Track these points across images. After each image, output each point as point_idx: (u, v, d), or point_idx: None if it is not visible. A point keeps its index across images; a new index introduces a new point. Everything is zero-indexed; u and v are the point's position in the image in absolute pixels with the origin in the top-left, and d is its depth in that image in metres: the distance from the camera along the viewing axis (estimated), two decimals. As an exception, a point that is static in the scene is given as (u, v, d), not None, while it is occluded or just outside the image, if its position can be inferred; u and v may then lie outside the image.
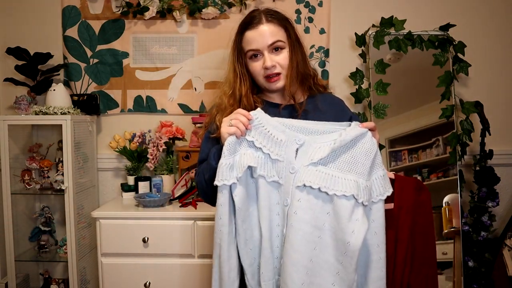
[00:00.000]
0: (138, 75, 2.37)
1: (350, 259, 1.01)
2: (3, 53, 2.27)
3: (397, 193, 1.21)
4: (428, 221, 1.27)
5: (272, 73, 1.21)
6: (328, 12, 2.31)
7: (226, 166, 1.05)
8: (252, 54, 1.23)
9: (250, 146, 1.09)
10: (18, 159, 2.23)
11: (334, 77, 2.33)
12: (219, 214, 1.07)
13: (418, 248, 1.23)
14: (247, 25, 1.23)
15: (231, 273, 1.08)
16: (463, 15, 2.29)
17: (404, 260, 1.19)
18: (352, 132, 1.06)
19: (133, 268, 1.93)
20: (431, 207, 1.29)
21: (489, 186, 2.12)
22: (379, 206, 1.08)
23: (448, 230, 2.10)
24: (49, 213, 2.33)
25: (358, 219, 1.02)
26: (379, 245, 1.07)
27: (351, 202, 1.02)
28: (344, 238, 1.01)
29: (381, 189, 1.08)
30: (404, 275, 1.19)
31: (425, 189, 1.28)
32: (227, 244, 1.07)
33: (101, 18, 2.35)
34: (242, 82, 1.25)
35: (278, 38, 1.21)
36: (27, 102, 2.20)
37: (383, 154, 2.18)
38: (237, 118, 1.08)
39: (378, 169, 1.09)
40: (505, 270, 2.11)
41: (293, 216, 1.05)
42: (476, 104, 2.15)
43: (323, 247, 1.04)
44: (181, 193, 2.12)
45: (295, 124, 1.11)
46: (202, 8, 2.27)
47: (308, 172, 1.05)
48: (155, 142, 2.21)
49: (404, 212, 1.22)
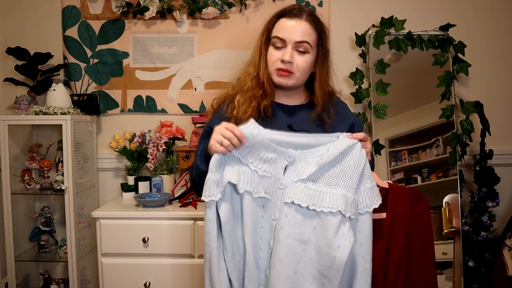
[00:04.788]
0: (138, 75, 2.37)
1: (336, 272, 1.01)
2: (3, 53, 2.27)
3: (390, 203, 1.19)
4: (425, 232, 1.22)
5: (285, 68, 1.18)
6: (328, 12, 2.31)
7: (213, 182, 1.05)
8: (277, 41, 1.18)
9: (235, 161, 1.07)
10: (18, 159, 2.23)
11: (334, 77, 2.32)
12: (207, 229, 1.07)
13: (415, 258, 1.20)
14: (286, 13, 1.20)
15: (222, 286, 1.08)
16: (463, 15, 2.29)
17: (396, 270, 1.16)
18: (340, 146, 1.06)
19: (133, 268, 1.93)
20: (429, 217, 1.24)
21: (489, 186, 2.12)
22: (365, 218, 1.07)
23: (448, 230, 2.10)
24: (49, 213, 2.33)
25: (344, 233, 1.02)
26: (363, 256, 1.07)
27: (338, 218, 1.02)
28: (330, 252, 1.01)
29: (368, 201, 1.07)
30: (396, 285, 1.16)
31: (422, 199, 1.24)
32: (217, 258, 1.07)
33: (101, 18, 2.35)
34: (264, 66, 1.21)
35: (307, 39, 1.17)
36: (27, 102, 2.20)
37: (383, 154, 2.18)
38: (230, 140, 1.03)
39: (367, 181, 1.08)
40: (505, 270, 2.11)
41: (280, 230, 1.05)
42: (476, 104, 2.15)
43: (308, 260, 1.05)
44: (181, 193, 2.12)
45: (287, 139, 1.08)
46: (202, 8, 2.27)
47: (297, 188, 1.05)
48: (155, 142, 2.21)
49: (398, 223, 1.18)
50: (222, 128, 1.06)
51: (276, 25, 1.20)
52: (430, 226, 1.24)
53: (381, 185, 1.19)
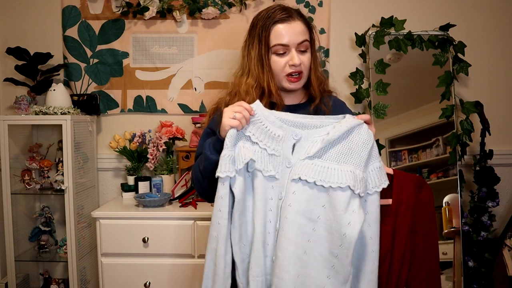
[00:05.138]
0: (138, 75, 2.37)
1: (346, 251, 1.00)
2: (3, 53, 2.27)
3: (396, 189, 1.18)
4: (429, 220, 1.22)
5: (296, 71, 1.19)
6: (328, 12, 2.31)
7: (229, 158, 1.04)
8: (280, 48, 1.18)
9: (247, 140, 1.09)
10: (18, 159, 2.23)
11: (334, 77, 2.33)
12: (219, 206, 1.05)
13: (419, 246, 1.20)
14: (277, 18, 1.18)
15: (226, 269, 1.06)
16: (463, 15, 2.29)
17: (402, 257, 1.15)
18: (347, 123, 1.06)
19: (133, 268, 1.93)
20: (433, 205, 1.23)
21: (489, 186, 2.12)
22: (374, 198, 1.07)
23: (448, 230, 2.10)
24: (49, 213, 2.33)
25: (354, 210, 1.01)
26: (372, 237, 1.06)
27: (347, 194, 1.01)
28: (340, 230, 1.00)
29: (377, 181, 1.07)
30: (401, 273, 1.15)
31: (426, 187, 1.23)
32: (225, 238, 1.05)
33: (101, 18, 2.35)
34: (270, 77, 1.20)
35: (306, 37, 1.20)
36: (27, 102, 2.20)
37: (383, 154, 2.18)
38: (241, 112, 1.07)
39: (375, 161, 1.08)
40: (505, 270, 2.11)
41: (287, 208, 1.04)
42: (476, 104, 2.15)
43: (318, 240, 1.04)
44: (181, 193, 2.12)
45: (292, 119, 1.10)
46: (202, 8, 2.27)
47: (304, 165, 1.05)
48: (155, 142, 2.21)
49: (403, 209, 1.17)
50: (231, 106, 1.09)
51: (273, 32, 1.18)
52: (434, 214, 1.23)
53: (387, 171, 1.17)
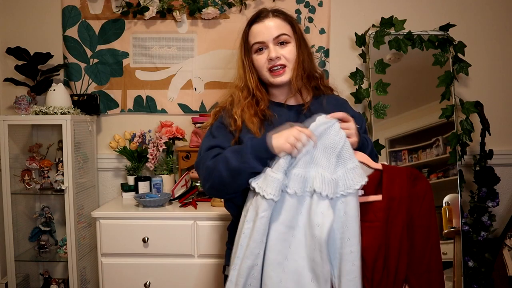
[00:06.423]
0: (138, 75, 2.37)
1: (320, 253, 1.03)
2: (3, 53, 2.27)
3: (386, 185, 1.15)
4: (427, 213, 1.16)
5: (276, 64, 1.22)
6: (328, 12, 2.32)
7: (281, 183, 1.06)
8: (258, 47, 1.24)
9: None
10: (18, 159, 2.23)
11: (334, 77, 2.32)
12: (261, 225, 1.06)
13: (418, 241, 1.15)
14: (254, 20, 1.26)
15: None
16: (463, 15, 2.29)
17: (398, 253, 1.12)
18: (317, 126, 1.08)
19: (133, 268, 1.93)
20: (430, 197, 1.18)
21: (489, 186, 2.12)
22: (349, 199, 1.07)
23: (448, 230, 2.10)
24: (49, 213, 2.33)
25: (322, 212, 1.04)
26: (350, 238, 1.06)
27: (315, 197, 1.05)
28: (312, 232, 1.04)
29: (350, 182, 1.07)
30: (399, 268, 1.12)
31: (421, 179, 1.18)
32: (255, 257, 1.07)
33: (101, 18, 2.35)
34: (251, 75, 1.26)
35: (283, 31, 1.22)
36: (27, 102, 2.20)
37: (383, 154, 2.18)
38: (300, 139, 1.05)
39: (347, 162, 1.09)
40: (505, 270, 2.11)
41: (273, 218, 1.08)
42: (476, 104, 2.15)
43: (297, 245, 1.06)
44: (181, 193, 2.12)
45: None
46: (202, 8, 2.27)
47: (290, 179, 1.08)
48: (155, 142, 2.21)
49: (396, 204, 1.13)
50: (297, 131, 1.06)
51: (250, 34, 1.26)
52: (432, 206, 1.18)
53: (375, 166, 1.17)
